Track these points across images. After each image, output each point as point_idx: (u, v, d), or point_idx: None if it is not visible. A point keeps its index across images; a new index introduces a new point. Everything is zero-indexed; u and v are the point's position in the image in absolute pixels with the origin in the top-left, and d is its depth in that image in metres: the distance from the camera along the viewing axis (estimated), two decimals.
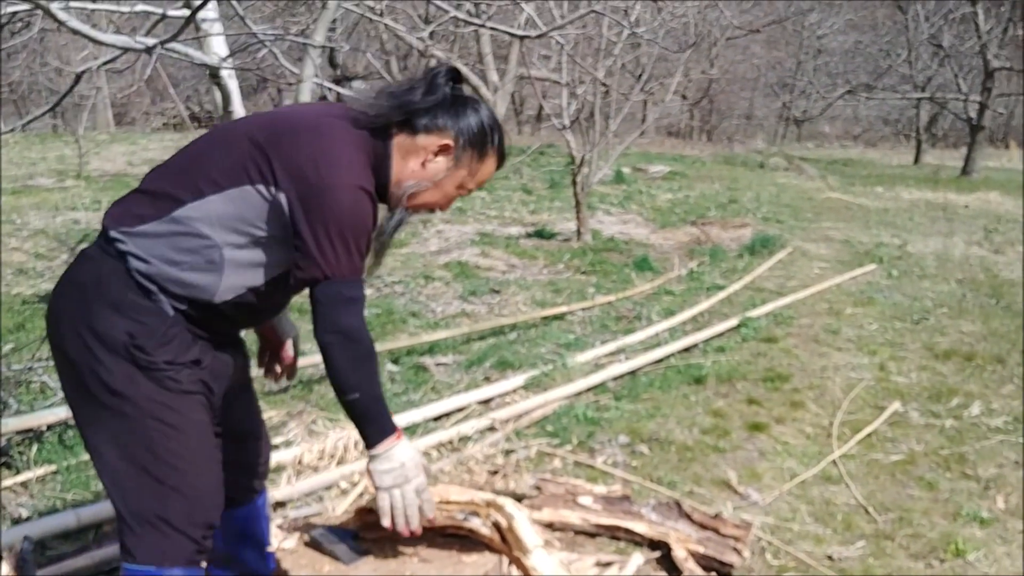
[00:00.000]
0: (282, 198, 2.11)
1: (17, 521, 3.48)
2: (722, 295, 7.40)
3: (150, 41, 3.67)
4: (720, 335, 6.28)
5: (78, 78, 5.59)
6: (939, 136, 29.68)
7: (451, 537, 2.47)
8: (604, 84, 9.81)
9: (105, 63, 5.56)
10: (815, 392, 5.25)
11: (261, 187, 2.12)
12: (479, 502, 2.33)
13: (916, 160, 24.02)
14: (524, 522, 2.32)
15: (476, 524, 2.42)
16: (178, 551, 2.21)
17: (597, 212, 11.81)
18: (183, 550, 2.21)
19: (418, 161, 2.27)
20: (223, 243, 2.14)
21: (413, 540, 2.44)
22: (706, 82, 28.60)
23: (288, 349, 2.69)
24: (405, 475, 2.22)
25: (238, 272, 2.19)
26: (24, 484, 3.85)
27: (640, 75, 11.23)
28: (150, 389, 2.14)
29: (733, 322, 6.49)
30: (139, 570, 2.21)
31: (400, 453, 2.22)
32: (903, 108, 28.99)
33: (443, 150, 2.27)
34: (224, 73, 5.07)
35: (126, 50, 4.51)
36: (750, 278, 8.10)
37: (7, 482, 3.84)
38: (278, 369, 2.71)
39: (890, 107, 30.19)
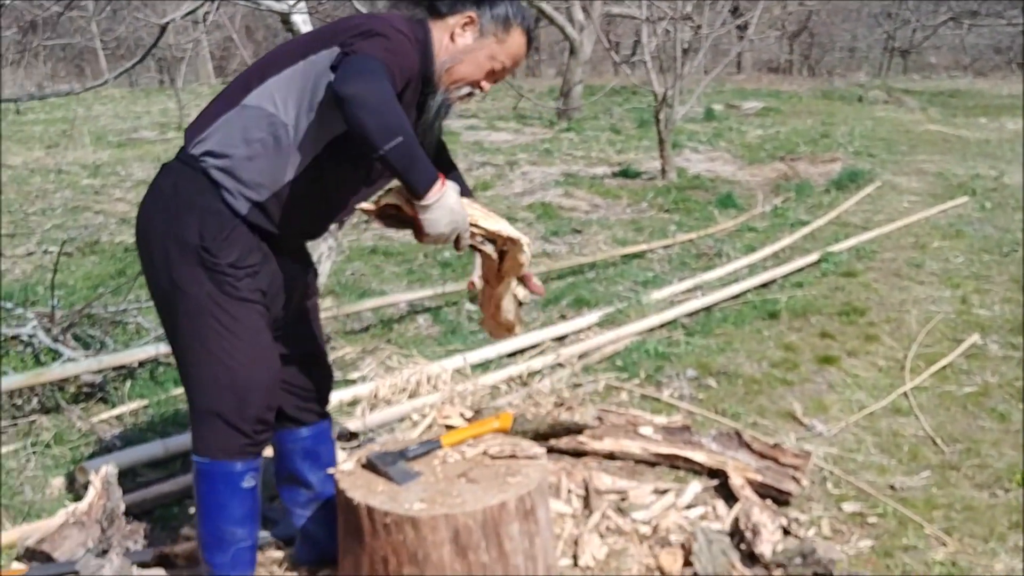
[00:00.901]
0: (331, 52, 2.32)
1: (110, 450, 3.72)
2: (805, 231, 7.32)
3: None
4: (799, 270, 6.24)
5: (163, 30, 5.81)
6: None
7: (497, 459, 2.59)
8: (686, 18, 9.67)
9: (187, 14, 5.76)
10: (891, 325, 5.20)
11: (315, 55, 2.34)
12: (503, 235, 2.48)
13: None
14: (526, 254, 2.55)
15: (489, 249, 2.54)
16: (230, 444, 2.48)
17: (684, 150, 11.71)
18: (234, 443, 2.48)
19: (447, 38, 2.47)
20: (286, 118, 2.36)
21: (463, 463, 2.58)
22: (805, 14, 27.76)
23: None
24: (455, 221, 2.28)
25: (304, 145, 2.38)
26: (118, 417, 4.12)
27: (729, 7, 11.00)
28: (211, 289, 2.38)
29: (813, 257, 6.43)
30: (201, 461, 2.50)
31: (448, 198, 2.25)
32: (1014, 35, 27.70)
33: (468, 23, 2.47)
34: (297, 19, 5.21)
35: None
36: (835, 213, 7.97)
37: (103, 415, 4.11)
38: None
39: (1001, 35, 28.87)
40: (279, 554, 3.01)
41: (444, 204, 2.23)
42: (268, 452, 3.13)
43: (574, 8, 14.84)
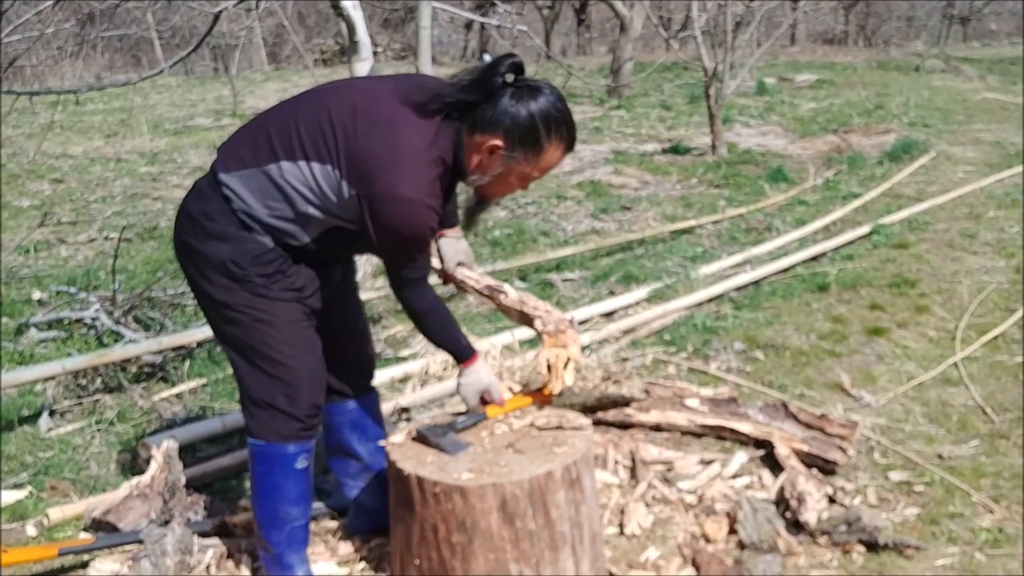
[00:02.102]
0: (352, 191, 2.33)
1: (171, 427, 3.85)
2: (857, 203, 7.27)
3: None
4: (850, 243, 6.21)
5: (216, 18, 5.92)
6: None
7: (544, 430, 2.66)
8: None
9: (239, 2, 5.86)
10: (943, 296, 5.17)
11: (334, 171, 2.34)
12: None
13: None
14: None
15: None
16: (285, 429, 2.59)
17: (735, 125, 11.64)
18: (290, 428, 2.60)
19: (477, 159, 2.38)
20: (304, 201, 2.40)
21: (511, 435, 2.65)
22: None
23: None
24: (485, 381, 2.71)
25: (319, 225, 2.46)
26: (178, 395, 4.26)
27: None
28: (245, 297, 2.49)
29: (864, 229, 6.39)
30: (256, 443, 2.63)
31: (479, 364, 2.69)
32: None
33: (493, 150, 2.35)
34: (347, 4, 5.28)
35: None
36: (888, 185, 7.90)
37: (163, 394, 4.25)
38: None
39: None
40: (333, 524, 3.11)
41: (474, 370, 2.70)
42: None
43: None
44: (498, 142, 2.32)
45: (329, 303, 2.72)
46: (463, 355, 2.67)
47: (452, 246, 2.92)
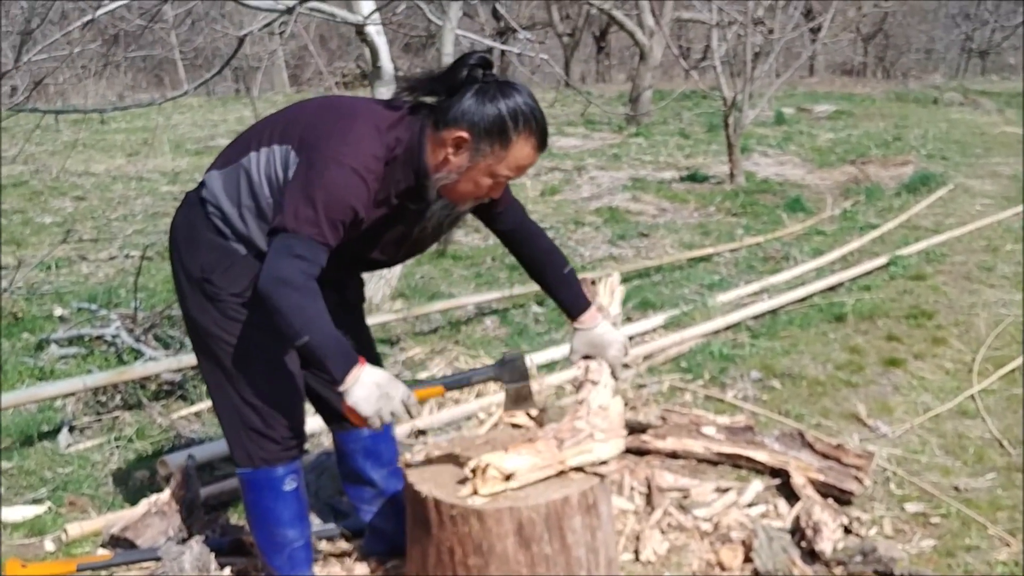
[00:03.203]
0: (297, 161, 2.34)
1: (189, 445, 3.87)
2: (874, 234, 7.27)
3: (291, 2, 3.94)
4: (867, 274, 6.22)
5: (241, 42, 6.00)
6: None
7: None
8: (757, 23, 9.65)
9: (264, 26, 5.93)
10: (960, 328, 5.17)
11: (291, 150, 2.36)
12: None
13: None
14: None
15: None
16: (266, 452, 2.56)
17: (754, 154, 11.66)
18: (268, 451, 2.56)
19: (443, 154, 2.33)
20: (268, 193, 2.40)
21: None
22: (880, 15, 27.34)
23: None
24: (386, 392, 2.26)
25: None
26: (197, 414, 4.28)
27: (802, 10, 10.94)
28: (216, 317, 2.48)
29: (882, 260, 6.40)
30: (243, 472, 2.61)
31: (368, 377, 2.26)
32: None
33: (460, 143, 2.29)
34: (371, 30, 5.35)
35: (278, 12, 4.82)
36: (906, 216, 7.90)
37: (182, 412, 4.28)
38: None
39: None
40: (348, 545, 3.12)
41: (362, 382, 2.25)
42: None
43: (644, 14, 14.86)
44: (464, 134, 2.28)
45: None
46: (349, 362, 2.26)
47: (581, 339, 2.86)
